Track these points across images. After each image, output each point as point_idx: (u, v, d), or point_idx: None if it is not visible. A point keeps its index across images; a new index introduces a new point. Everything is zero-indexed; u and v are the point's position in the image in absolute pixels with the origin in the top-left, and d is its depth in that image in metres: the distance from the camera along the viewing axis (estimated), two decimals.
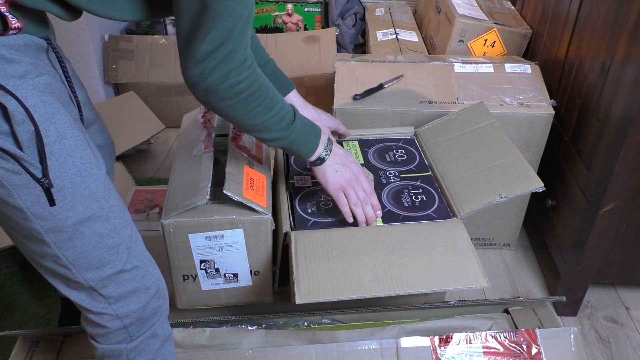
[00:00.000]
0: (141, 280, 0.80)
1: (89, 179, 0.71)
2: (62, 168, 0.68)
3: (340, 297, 0.88)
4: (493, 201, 1.02)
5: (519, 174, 1.04)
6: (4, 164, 0.64)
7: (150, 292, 0.81)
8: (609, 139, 1.13)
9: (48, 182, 0.66)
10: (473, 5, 1.72)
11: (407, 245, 0.96)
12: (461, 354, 0.98)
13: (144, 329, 0.82)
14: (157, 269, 0.85)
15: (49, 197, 0.67)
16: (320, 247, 0.95)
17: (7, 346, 1.24)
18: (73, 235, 0.71)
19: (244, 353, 0.98)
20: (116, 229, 0.75)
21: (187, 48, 0.72)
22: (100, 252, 0.74)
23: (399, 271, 0.91)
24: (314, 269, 0.91)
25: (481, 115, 1.21)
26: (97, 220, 0.73)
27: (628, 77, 1.06)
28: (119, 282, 0.77)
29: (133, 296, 0.79)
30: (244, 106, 0.80)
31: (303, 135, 0.91)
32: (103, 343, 0.81)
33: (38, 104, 0.65)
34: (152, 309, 0.82)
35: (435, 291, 0.90)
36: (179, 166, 1.07)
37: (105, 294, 0.77)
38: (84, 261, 0.73)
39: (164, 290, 0.85)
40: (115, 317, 0.79)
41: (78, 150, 0.70)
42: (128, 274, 0.78)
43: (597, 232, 1.20)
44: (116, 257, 0.76)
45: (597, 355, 1.26)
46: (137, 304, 0.80)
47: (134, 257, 0.79)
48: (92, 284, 0.75)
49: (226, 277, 1.05)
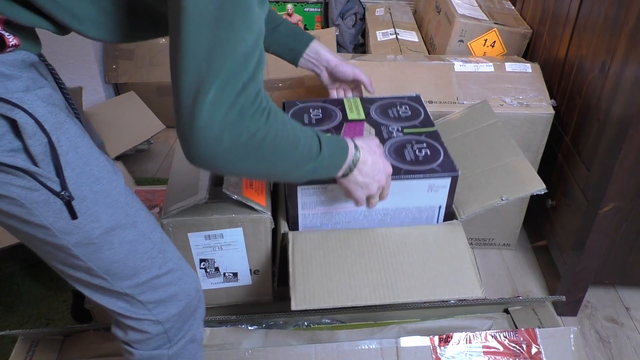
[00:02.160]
0: (178, 283, 0.78)
1: (109, 186, 0.69)
2: (80, 178, 0.65)
3: (336, 305, 0.87)
4: (494, 204, 1.01)
5: (521, 175, 1.04)
6: (20, 182, 0.62)
7: (190, 293, 0.79)
8: (609, 139, 1.13)
9: (68, 195, 0.64)
10: (473, 5, 1.72)
11: (404, 250, 0.96)
12: (461, 354, 0.98)
13: (183, 332, 0.80)
14: (192, 270, 0.82)
15: (70, 211, 0.65)
16: (318, 250, 0.95)
17: (7, 346, 1.24)
18: (102, 245, 0.69)
19: (244, 353, 0.98)
20: (145, 234, 0.73)
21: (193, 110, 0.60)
22: (133, 259, 0.72)
23: (395, 278, 0.91)
24: (311, 274, 0.91)
25: (485, 114, 1.20)
26: (124, 228, 0.71)
27: (628, 77, 1.06)
28: (156, 287, 0.75)
29: (172, 299, 0.77)
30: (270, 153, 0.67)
31: (332, 157, 0.80)
32: (141, 349, 0.78)
33: (46, 115, 0.62)
34: (191, 311, 0.80)
35: (429, 300, 0.90)
36: (178, 165, 1.07)
37: (144, 300, 0.75)
38: (118, 270, 0.71)
39: (200, 289, 0.83)
40: (157, 322, 0.77)
41: (93, 158, 0.68)
42: (165, 277, 0.76)
43: (597, 232, 1.20)
44: (150, 262, 0.74)
45: (597, 355, 1.26)
46: (177, 307, 0.78)
47: (168, 260, 0.76)
48: (129, 291, 0.73)
49: (226, 276, 1.05)
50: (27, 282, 1.42)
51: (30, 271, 1.45)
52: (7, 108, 0.60)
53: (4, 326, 1.30)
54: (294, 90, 2.05)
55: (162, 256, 0.76)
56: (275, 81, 2.04)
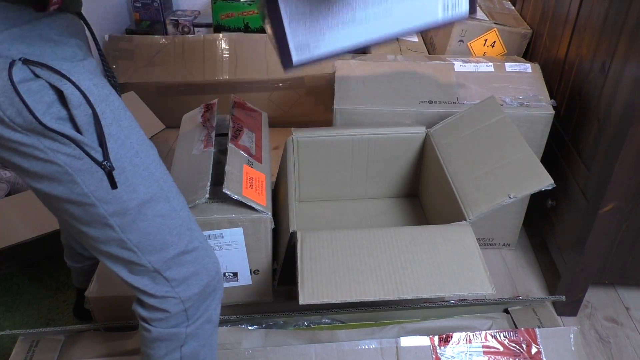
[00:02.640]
0: (202, 262, 0.79)
1: (147, 160, 0.71)
2: (121, 150, 0.68)
3: (344, 300, 0.88)
4: (502, 202, 1.02)
5: (529, 171, 1.04)
6: (66, 149, 0.64)
7: (211, 273, 0.80)
8: (609, 139, 1.13)
9: (110, 165, 0.66)
10: None
11: (413, 249, 0.96)
12: (461, 354, 0.98)
13: (201, 311, 0.81)
14: (214, 251, 0.84)
15: (111, 180, 0.67)
16: (326, 248, 0.95)
17: (7, 346, 1.24)
18: (137, 217, 0.71)
19: (243, 353, 0.98)
20: (176, 210, 0.75)
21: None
22: (163, 233, 0.74)
23: (403, 275, 0.91)
24: (319, 270, 0.91)
25: (492, 110, 1.21)
26: (158, 201, 0.73)
27: (628, 77, 1.06)
28: (182, 264, 0.77)
29: (195, 278, 0.78)
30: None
31: None
32: (159, 327, 0.79)
33: (91, 87, 0.64)
34: (210, 291, 0.82)
35: (439, 296, 0.90)
36: (178, 165, 1.07)
37: (168, 277, 0.76)
38: (148, 243, 0.73)
39: (220, 271, 0.84)
40: (179, 300, 0.78)
41: (134, 132, 0.70)
42: (190, 255, 0.77)
43: (597, 232, 1.20)
44: (178, 238, 0.76)
45: (597, 355, 1.26)
46: (199, 286, 0.79)
47: (195, 238, 0.78)
48: (157, 266, 0.75)
49: (226, 276, 1.05)
50: (27, 282, 1.42)
51: (30, 271, 1.45)
52: (56, 78, 0.62)
53: (4, 326, 1.30)
54: (294, 90, 2.05)
55: (190, 234, 0.77)
56: (275, 81, 2.04)
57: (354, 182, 1.37)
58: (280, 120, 2.02)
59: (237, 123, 1.14)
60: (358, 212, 1.37)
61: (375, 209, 1.38)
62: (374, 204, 1.39)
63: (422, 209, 1.39)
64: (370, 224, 1.33)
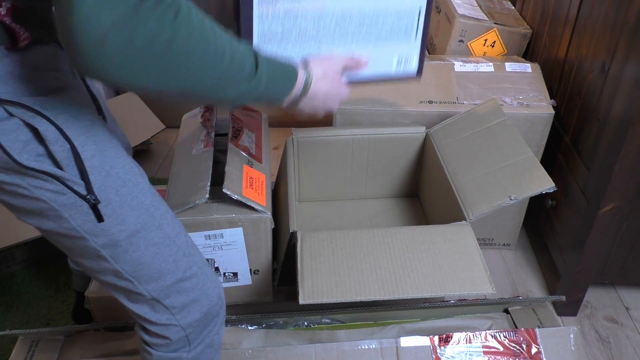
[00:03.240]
0: (202, 288, 0.78)
1: (135, 189, 0.69)
2: (106, 181, 0.66)
3: (344, 299, 0.88)
4: (503, 203, 1.02)
5: (530, 174, 1.04)
6: (48, 186, 0.63)
7: (212, 299, 0.79)
8: (609, 139, 1.13)
9: (94, 198, 0.64)
10: (473, 5, 1.72)
11: (413, 248, 0.96)
12: (461, 354, 0.98)
13: (202, 337, 0.81)
14: (215, 275, 0.83)
15: (97, 214, 0.65)
16: (326, 247, 0.95)
17: (7, 346, 1.24)
18: (128, 248, 0.69)
19: (243, 353, 0.98)
20: (170, 237, 0.74)
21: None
22: (158, 262, 0.73)
23: (404, 274, 0.91)
24: (319, 269, 0.91)
25: (493, 112, 1.21)
26: (150, 230, 0.71)
27: (628, 77, 1.06)
28: (181, 291, 0.76)
29: (195, 304, 0.77)
30: (181, 64, 0.55)
31: (273, 82, 0.71)
32: (160, 351, 0.79)
33: (69, 120, 0.62)
34: (212, 317, 0.81)
35: (439, 296, 0.90)
36: (178, 165, 1.07)
37: (168, 305, 0.75)
38: (144, 272, 0.72)
39: (222, 296, 0.83)
40: (180, 327, 0.77)
41: (119, 161, 0.68)
42: (189, 282, 0.76)
43: (597, 232, 1.20)
44: (175, 265, 0.74)
45: (597, 355, 1.26)
46: (200, 313, 0.78)
47: (193, 264, 0.77)
48: (155, 294, 0.74)
49: (226, 276, 1.05)
50: (27, 282, 1.42)
51: (30, 271, 1.45)
52: (30, 116, 0.60)
53: (4, 326, 1.30)
54: None
55: (187, 260, 0.76)
56: None
57: (354, 182, 1.37)
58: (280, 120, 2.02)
59: (237, 123, 1.14)
60: (358, 212, 1.37)
61: (375, 209, 1.38)
62: (374, 204, 1.39)
63: (422, 209, 1.39)
64: (370, 224, 1.33)
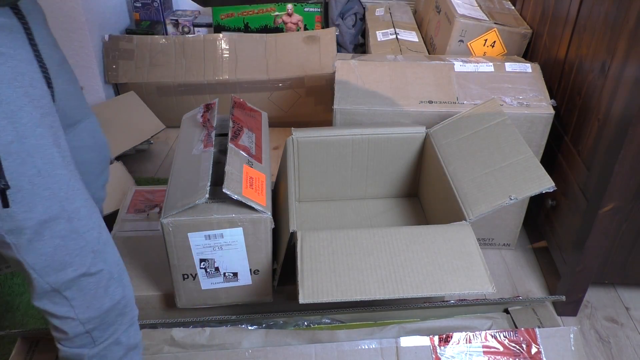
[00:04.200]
0: (105, 286, 0.78)
1: (51, 180, 0.69)
2: (21, 168, 0.65)
3: (344, 298, 0.88)
4: (502, 203, 1.02)
5: (529, 173, 1.04)
6: None
7: (115, 298, 0.80)
8: (609, 139, 1.13)
9: (4, 184, 0.64)
10: (473, 5, 1.72)
11: (413, 248, 0.96)
12: (461, 354, 0.98)
13: (107, 335, 0.81)
14: (127, 276, 0.83)
15: (3, 199, 0.65)
16: (326, 247, 0.95)
17: (7, 346, 1.23)
18: (33, 237, 0.70)
19: (244, 353, 0.98)
20: (79, 231, 0.74)
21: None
22: (61, 254, 0.73)
23: (404, 273, 0.91)
24: (319, 269, 0.91)
25: (493, 112, 1.21)
26: (59, 222, 0.71)
27: (628, 77, 1.06)
28: (82, 286, 0.76)
29: (96, 301, 0.78)
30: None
31: None
32: (65, 345, 0.80)
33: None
34: (116, 315, 0.81)
35: (439, 295, 0.90)
36: (178, 165, 1.07)
37: (68, 296, 0.75)
38: (45, 264, 0.72)
39: (130, 297, 0.84)
40: (78, 322, 0.78)
41: (40, 150, 0.67)
42: (92, 277, 0.76)
43: (597, 232, 1.20)
44: (79, 259, 0.74)
45: (597, 355, 1.26)
46: (99, 310, 0.78)
47: (100, 261, 0.77)
48: (55, 286, 0.74)
49: (226, 276, 1.05)
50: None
51: None
52: None
53: (4, 326, 1.30)
54: (294, 90, 2.05)
55: (94, 256, 0.76)
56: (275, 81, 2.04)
57: (354, 182, 1.37)
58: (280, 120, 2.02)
59: (237, 123, 1.14)
60: (358, 212, 1.37)
61: (375, 209, 1.38)
62: (374, 204, 1.39)
63: (422, 209, 1.39)
64: (370, 224, 1.33)
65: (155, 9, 2.24)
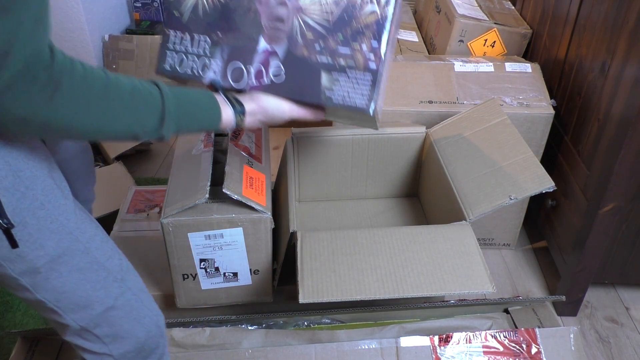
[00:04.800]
0: (137, 317, 0.73)
1: (56, 211, 0.64)
2: (21, 203, 0.60)
3: (344, 298, 0.87)
4: (503, 203, 1.02)
5: (530, 173, 1.04)
6: None
7: (149, 328, 0.75)
8: (609, 139, 1.13)
9: (7, 222, 0.58)
10: (473, 5, 1.72)
11: (413, 248, 0.96)
12: (461, 354, 0.98)
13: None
14: (154, 301, 0.78)
15: (10, 239, 0.59)
16: (326, 247, 0.95)
17: (7, 346, 1.24)
18: (49, 275, 0.64)
19: (244, 353, 0.98)
20: (99, 261, 0.69)
21: None
22: (85, 289, 0.68)
23: (404, 273, 0.91)
24: (319, 268, 0.91)
25: (493, 112, 1.21)
26: (74, 255, 0.66)
27: (628, 77, 1.06)
28: (112, 320, 0.71)
29: (130, 335, 0.73)
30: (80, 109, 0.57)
31: (190, 115, 0.71)
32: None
33: None
34: (152, 347, 0.77)
35: (440, 294, 0.90)
36: (178, 165, 1.07)
37: (99, 334, 0.71)
38: (69, 301, 0.67)
39: (162, 325, 0.79)
40: (111, 357, 0.73)
41: (38, 181, 0.62)
42: (121, 310, 0.71)
43: (597, 232, 1.20)
44: (104, 292, 0.69)
45: (597, 355, 1.26)
46: (136, 344, 0.74)
47: (126, 290, 0.72)
48: (83, 324, 0.69)
49: (226, 276, 1.05)
50: None
51: None
52: None
53: (4, 326, 1.30)
54: None
55: (119, 285, 0.71)
56: None
57: (354, 182, 1.37)
58: None
59: None
60: (358, 212, 1.37)
61: (375, 209, 1.38)
62: (374, 204, 1.39)
63: (422, 209, 1.39)
64: (370, 224, 1.33)
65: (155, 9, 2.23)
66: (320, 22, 0.80)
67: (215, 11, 0.80)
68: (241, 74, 0.81)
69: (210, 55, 0.81)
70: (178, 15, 0.80)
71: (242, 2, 0.80)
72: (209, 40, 0.80)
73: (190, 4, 0.80)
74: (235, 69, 0.81)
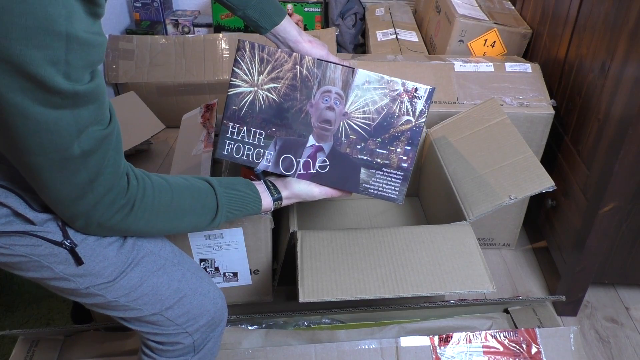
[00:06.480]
0: (202, 291, 0.78)
1: None
2: None
3: (344, 297, 0.88)
4: (502, 203, 1.02)
5: (529, 173, 1.04)
6: (23, 241, 0.63)
7: (215, 300, 0.80)
8: (609, 139, 1.13)
9: (70, 242, 0.64)
10: (473, 5, 1.72)
11: (413, 247, 0.96)
12: (461, 354, 0.98)
13: (207, 341, 0.82)
14: (210, 278, 0.84)
15: (75, 257, 0.65)
16: (326, 247, 0.95)
17: (7, 346, 1.24)
18: (120, 280, 0.70)
19: (243, 353, 0.98)
20: (153, 252, 0.74)
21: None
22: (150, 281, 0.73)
23: (404, 273, 0.91)
24: (319, 268, 0.91)
25: (493, 112, 1.21)
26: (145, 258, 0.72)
27: (628, 77, 1.06)
28: (182, 302, 0.76)
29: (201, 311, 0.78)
30: (152, 220, 0.68)
31: (238, 207, 0.81)
32: (164, 356, 0.79)
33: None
34: (219, 319, 0.82)
35: (440, 294, 0.90)
36: (178, 166, 1.07)
37: (171, 317, 0.76)
38: (138, 295, 0.72)
39: (224, 298, 0.84)
40: (187, 334, 0.78)
41: None
42: (187, 290, 0.76)
43: (597, 232, 1.20)
44: (167, 277, 0.75)
45: (597, 355, 1.26)
46: (207, 317, 0.79)
47: (186, 270, 0.77)
48: (155, 311, 0.74)
49: (226, 276, 1.05)
50: (27, 282, 1.42)
51: None
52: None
53: (4, 326, 1.30)
54: None
55: (178, 269, 0.76)
56: None
57: None
58: None
59: None
60: (358, 212, 1.37)
61: (375, 209, 1.38)
62: (374, 204, 1.39)
63: (422, 209, 1.39)
64: (370, 224, 1.33)
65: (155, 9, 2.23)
66: (363, 126, 0.91)
67: (270, 108, 0.90)
68: (291, 164, 0.92)
69: (264, 146, 0.91)
70: (236, 109, 0.89)
71: (295, 104, 0.90)
72: (264, 134, 0.91)
73: (248, 100, 0.89)
74: (285, 158, 0.92)
